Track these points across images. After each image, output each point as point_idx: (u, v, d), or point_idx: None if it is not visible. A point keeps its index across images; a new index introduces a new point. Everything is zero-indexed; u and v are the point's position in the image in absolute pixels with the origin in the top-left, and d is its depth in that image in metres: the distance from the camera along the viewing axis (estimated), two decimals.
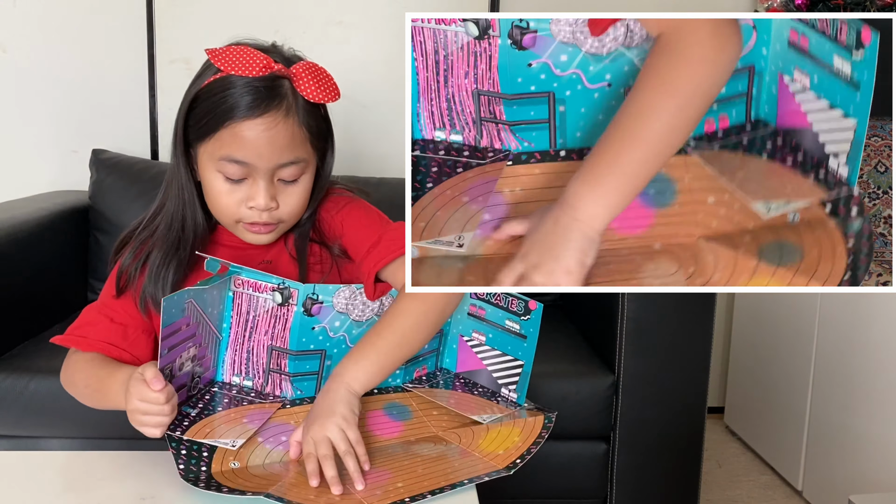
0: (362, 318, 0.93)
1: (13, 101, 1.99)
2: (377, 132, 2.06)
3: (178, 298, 0.82)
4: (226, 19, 1.99)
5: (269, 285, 0.90)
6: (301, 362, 0.92)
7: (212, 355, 0.90)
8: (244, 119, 0.87)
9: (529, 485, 1.42)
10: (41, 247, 1.62)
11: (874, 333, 1.53)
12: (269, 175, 0.90)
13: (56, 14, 1.96)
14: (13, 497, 0.77)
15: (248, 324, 0.91)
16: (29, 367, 1.36)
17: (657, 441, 1.41)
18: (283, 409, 0.90)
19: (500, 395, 0.98)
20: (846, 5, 1.65)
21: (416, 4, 2.02)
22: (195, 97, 0.90)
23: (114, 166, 1.84)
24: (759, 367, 2.00)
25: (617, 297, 1.37)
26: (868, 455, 1.54)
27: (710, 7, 2.06)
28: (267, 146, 0.88)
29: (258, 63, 0.87)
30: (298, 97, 0.90)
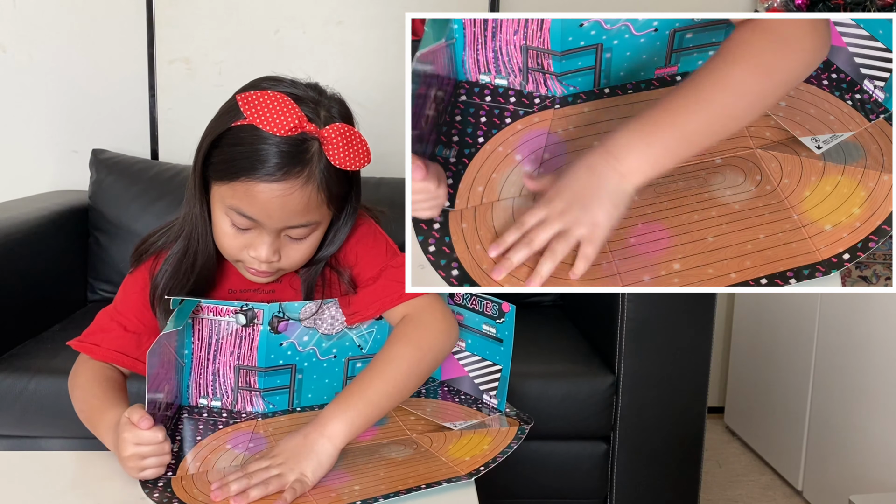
0: (332, 332, 0.92)
1: (13, 101, 1.98)
2: (377, 132, 2.05)
3: (157, 347, 0.81)
4: (226, 19, 1.99)
5: (232, 308, 0.89)
6: (271, 378, 0.91)
7: (176, 382, 0.90)
8: (261, 180, 0.82)
9: (529, 485, 1.42)
10: (41, 247, 1.62)
11: (874, 333, 1.53)
12: (276, 231, 0.87)
13: (56, 14, 1.96)
14: (13, 497, 0.77)
15: (210, 347, 0.90)
16: (29, 367, 1.36)
17: (657, 441, 1.41)
18: (257, 423, 0.89)
19: (481, 402, 0.97)
20: (846, 5, 1.65)
21: (416, 4, 2.02)
22: (220, 136, 0.85)
23: (114, 166, 1.84)
24: (759, 367, 2.00)
25: (617, 297, 1.37)
26: (868, 455, 1.54)
27: (710, 7, 2.06)
28: (279, 210, 0.85)
29: (289, 122, 0.81)
30: (324, 159, 0.85)
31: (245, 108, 0.82)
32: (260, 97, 0.82)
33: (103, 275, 1.80)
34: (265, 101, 0.82)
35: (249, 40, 1.99)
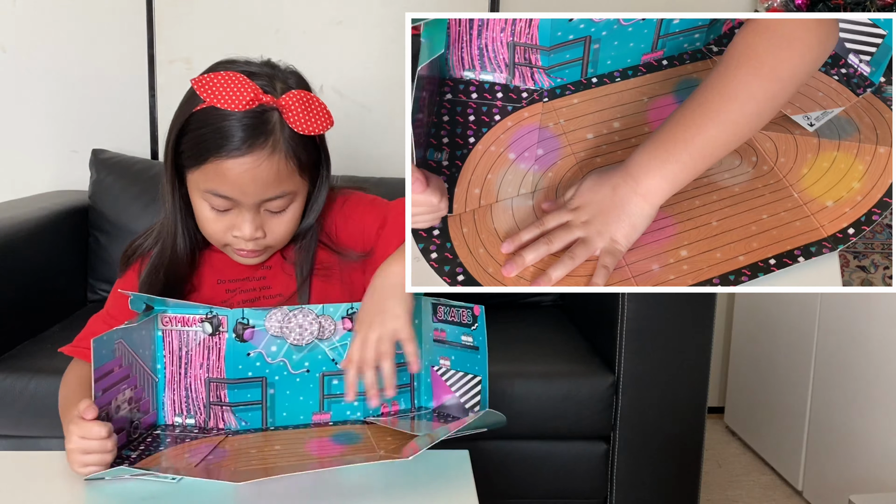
0: (301, 342, 0.90)
1: (13, 101, 1.99)
2: (377, 132, 2.06)
3: (107, 339, 0.81)
4: (226, 19, 1.99)
5: (197, 317, 0.89)
6: (241, 391, 0.89)
7: (150, 398, 0.89)
8: (228, 157, 0.85)
9: (529, 485, 1.42)
10: (41, 247, 1.62)
11: (874, 333, 1.53)
12: (255, 207, 0.89)
13: (56, 14, 1.96)
14: (13, 497, 0.77)
15: (182, 360, 0.89)
16: (29, 367, 1.36)
17: (657, 441, 1.41)
18: (225, 439, 0.87)
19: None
20: (846, 5, 1.65)
21: (416, 4, 2.02)
22: (184, 123, 0.88)
23: (114, 166, 1.84)
24: (759, 367, 2.00)
25: (617, 297, 1.37)
26: (868, 455, 1.54)
27: (710, 7, 2.06)
28: (251, 183, 0.86)
29: (245, 96, 0.84)
30: (286, 129, 0.87)
31: (201, 91, 0.84)
32: (214, 78, 0.84)
33: (103, 275, 1.80)
34: (220, 80, 0.84)
35: (249, 40, 1.99)
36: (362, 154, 2.04)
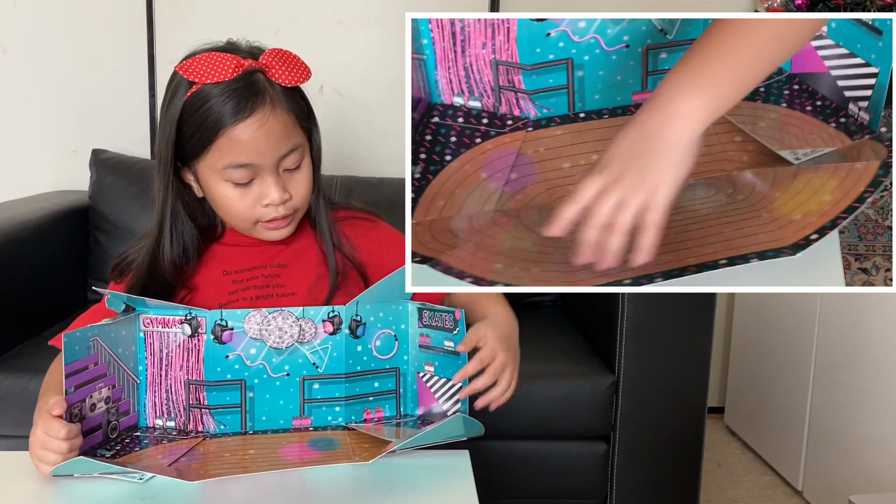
0: (281, 345, 0.89)
1: (13, 101, 1.99)
2: (377, 132, 2.06)
3: (80, 335, 0.80)
4: (226, 19, 1.99)
5: (177, 318, 0.88)
6: (220, 394, 0.88)
7: (131, 399, 0.88)
8: (236, 124, 0.87)
9: (529, 485, 1.42)
10: (41, 247, 1.62)
11: (874, 333, 1.53)
12: (274, 169, 0.91)
13: (56, 14, 1.96)
14: (13, 497, 0.77)
15: (162, 362, 0.89)
16: (29, 367, 1.36)
17: (657, 441, 1.41)
18: (201, 441, 0.86)
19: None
20: (846, 5, 1.65)
21: (416, 4, 2.02)
22: (179, 115, 0.89)
23: (114, 166, 1.84)
24: (759, 367, 2.00)
25: (617, 297, 1.37)
26: (868, 455, 1.54)
27: (710, 7, 2.06)
28: (265, 142, 0.88)
29: (229, 65, 0.87)
30: (276, 86, 0.90)
31: (188, 73, 0.87)
32: (195, 60, 0.88)
33: (103, 275, 1.80)
34: (201, 60, 0.88)
35: (249, 40, 1.99)
36: (362, 154, 2.04)
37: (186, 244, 0.96)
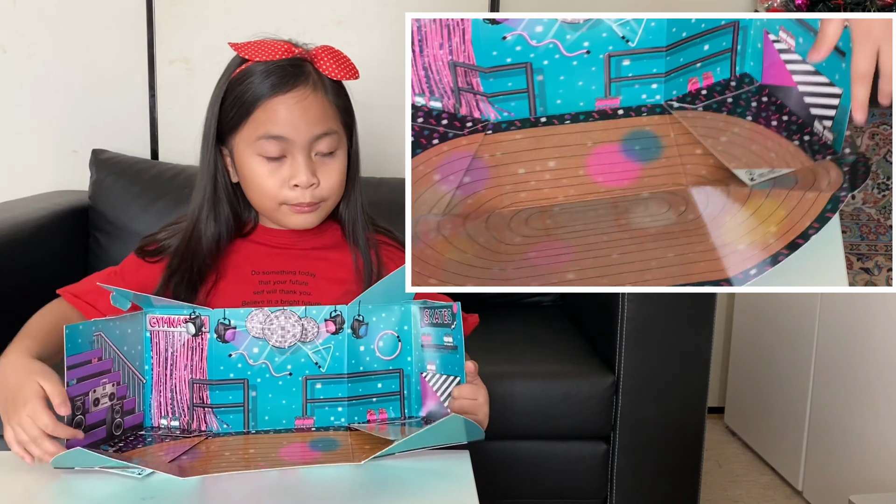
0: (283, 345, 0.89)
1: (13, 101, 1.99)
2: (377, 132, 2.05)
3: (83, 329, 0.81)
4: (226, 19, 1.99)
5: (182, 318, 0.88)
6: (223, 393, 0.88)
7: (136, 397, 0.89)
8: (274, 95, 0.91)
9: (529, 485, 1.42)
10: (41, 247, 1.62)
11: (874, 333, 1.53)
12: (307, 150, 0.93)
13: (56, 14, 1.96)
14: (13, 497, 0.77)
15: (167, 361, 0.89)
16: None
17: (657, 441, 1.41)
18: (203, 440, 0.86)
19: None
20: (846, 5, 1.65)
21: (416, 4, 2.02)
22: (225, 92, 0.93)
23: (114, 166, 1.84)
24: (759, 367, 2.00)
25: (617, 297, 1.37)
26: (868, 455, 1.54)
27: (710, 7, 2.06)
28: (301, 118, 0.91)
29: (280, 48, 0.92)
30: (323, 76, 0.94)
31: (240, 50, 0.92)
32: (250, 43, 0.93)
33: None
34: (256, 42, 0.93)
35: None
36: (362, 154, 2.03)
37: (222, 228, 0.97)
